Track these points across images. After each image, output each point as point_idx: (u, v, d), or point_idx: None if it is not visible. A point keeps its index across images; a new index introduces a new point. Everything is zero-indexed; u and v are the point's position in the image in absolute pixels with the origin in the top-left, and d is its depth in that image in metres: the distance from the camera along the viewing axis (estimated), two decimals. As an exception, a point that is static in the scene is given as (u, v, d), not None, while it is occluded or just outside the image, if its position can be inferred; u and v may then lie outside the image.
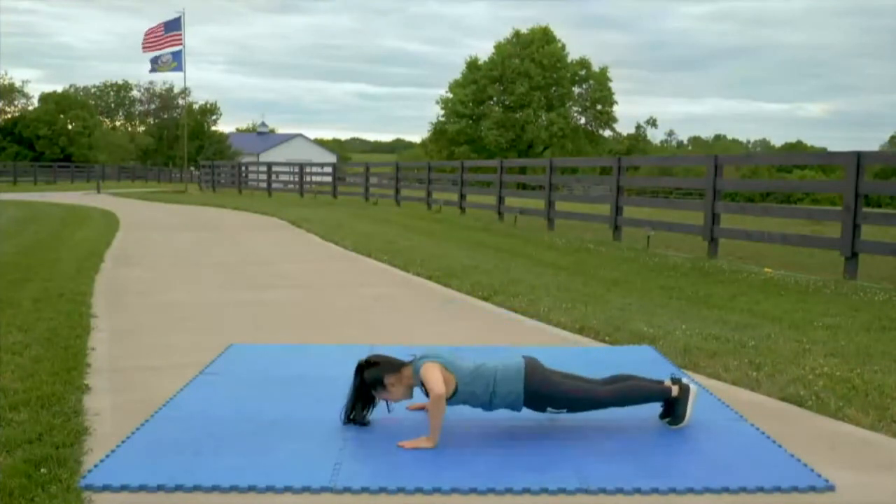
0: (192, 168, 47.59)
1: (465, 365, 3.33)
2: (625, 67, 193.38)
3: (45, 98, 59.96)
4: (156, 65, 31.15)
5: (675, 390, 3.40)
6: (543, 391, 3.30)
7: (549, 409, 3.34)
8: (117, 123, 69.42)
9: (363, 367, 3.36)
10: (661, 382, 3.45)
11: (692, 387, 3.43)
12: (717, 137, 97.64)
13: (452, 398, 3.27)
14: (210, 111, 66.82)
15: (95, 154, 56.53)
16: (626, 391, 3.39)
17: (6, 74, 70.07)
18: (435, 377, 3.19)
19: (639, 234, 11.66)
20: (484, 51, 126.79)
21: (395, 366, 3.36)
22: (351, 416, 3.38)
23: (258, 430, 3.30)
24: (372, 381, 3.33)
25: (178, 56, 30.63)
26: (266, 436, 3.24)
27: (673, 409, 3.41)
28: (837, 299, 6.79)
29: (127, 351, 4.71)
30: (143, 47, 30.60)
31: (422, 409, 3.55)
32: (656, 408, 3.48)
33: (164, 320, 5.67)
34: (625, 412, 3.51)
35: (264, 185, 30.26)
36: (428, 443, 3.11)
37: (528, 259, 9.48)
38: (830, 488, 2.79)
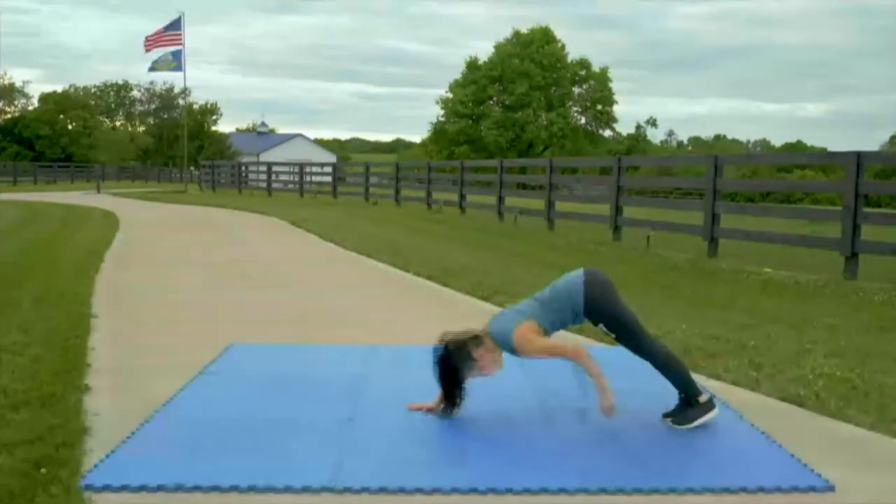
0: (192, 168, 47.57)
1: (532, 306, 3.44)
2: (625, 67, 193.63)
3: (45, 98, 59.90)
4: (155, 64, 31.14)
5: (703, 398, 3.42)
6: (603, 305, 3.41)
7: (602, 325, 3.42)
8: (117, 123, 69.30)
9: (445, 356, 3.33)
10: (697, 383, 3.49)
11: (717, 408, 3.43)
12: (717, 137, 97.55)
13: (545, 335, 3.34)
14: (210, 111, 66.78)
15: (96, 154, 56.46)
16: (673, 357, 3.49)
17: (6, 74, 69.96)
18: (535, 341, 3.27)
19: (639, 234, 11.65)
20: (484, 51, 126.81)
21: (474, 339, 3.37)
22: (453, 401, 3.37)
23: (258, 430, 3.30)
24: (462, 360, 3.32)
25: (178, 56, 30.61)
26: (266, 436, 3.24)
27: (687, 411, 3.40)
28: (837, 299, 6.79)
29: (127, 351, 4.71)
30: (146, 48, 30.60)
31: (420, 408, 3.55)
32: (656, 408, 3.49)
33: (164, 320, 5.67)
34: (625, 412, 3.51)
35: (264, 184, 30.24)
36: (607, 394, 3.24)
37: (528, 259, 9.47)
38: (830, 488, 2.78)
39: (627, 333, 3.42)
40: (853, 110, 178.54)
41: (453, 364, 3.32)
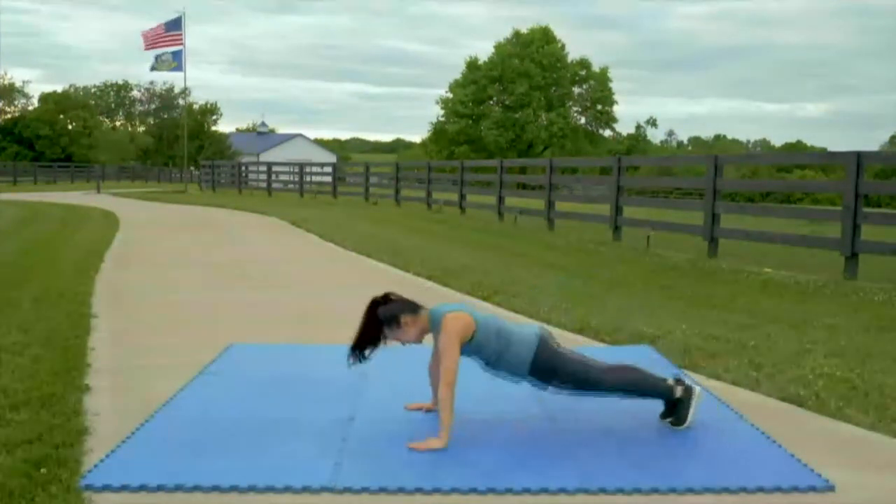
0: (192, 168, 47.57)
1: (486, 318, 3.36)
2: (625, 67, 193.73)
3: (45, 98, 59.88)
4: (156, 64, 31.15)
5: (679, 391, 3.40)
6: (552, 363, 3.31)
7: (553, 381, 3.34)
8: (117, 123, 69.30)
9: (378, 303, 3.33)
10: (665, 380, 3.45)
11: (697, 389, 3.43)
12: (717, 137, 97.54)
13: (465, 346, 3.26)
14: (210, 111, 66.79)
15: (96, 154, 56.45)
16: (632, 381, 3.40)
17: (6, 74, 69.97)
18: (454, 347, 3.17)
19: (639, 235, 11.65)
20: (483, 51, 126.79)
21: (413, 306, 3.36)
22: (357, 353, 3.35)
23: (258, 430, 3.30)
24: (387, 316, 3.31)
25: (178, 56, 30.62)
26: (266, 436, 3.24)
27: (676, 410, 3.40)
28: (837, 299, 6.79)
29: (127, 351, 4.71)
30: (145, 46, 30.58)
31: (420, 408, 3.55)
32: (656, 408, 3.48)
33: (164, 320, 5.67)
34: (625, 412, 3.52)
35: (264, 184, 30.24)
36: (438, 443, 3.09)
37: (528, 259, 9.47)
38: (830, 488, 2.78)
39: (579, 385, 3.36)
40: (853, 110, 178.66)
41: (379, 316, 3.32)
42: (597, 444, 3.21)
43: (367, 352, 3.38)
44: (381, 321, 3.32)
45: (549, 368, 3.32)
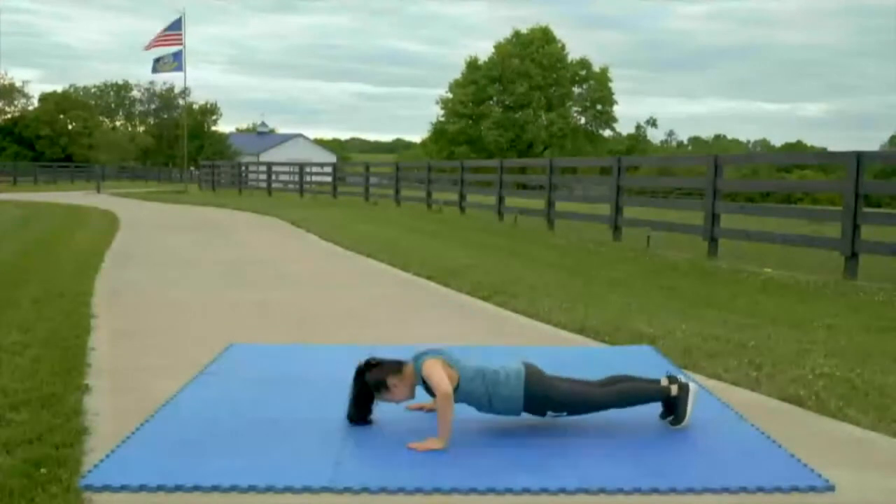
0: (192, 168, 47.57)
1: (468, 364, 3.33)
2: (624, 67, 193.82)
3: (45, 98, 59.91)
4: (158, 65, 31.16)
5: (674, 389, 3.40)
6: (543, 395, 3.30)
7: (549, 412, 3.34)
8: (117, 123, 69.28)
9: (363, 371, 3.34)
10: (658, 382, 3.45)
11: (692, 385, 3.43)
12: (717, 137, 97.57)
13: (455, 393, 3.25)
14: (210, 111, 66.81)
15: (95, 154, 56.46)
16: (625, 393, 3.40)
17: (6, 74, 70.04)
18: (438, 375, 3.18)
19: (639, 235, 11.65)
20: (483, 51, 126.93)
21: (396, 366, 3.34)
22: (354, 418, 3.36)
23: (258, 430, 3.30)
24: (375, 383, 3.31)
25: (178, 56, 30.64)
26: (266, 436, 3.24)
27: (674, 408, 3.40)
28: (837, 299, 6.79)
29: (127, 351, 4.71)
30: (146, 47, 30.64)
31: (421, 408, 3.55)
32: (656, 408, 3.48)
33: (164, 320, 5.67)
34: (625, 412, 3.51)
35: (264, 185, 30.26)
36: (438, 444, 3.09)
37: (528, 259, 9.48)
38: (830, 488, 2.78)
39: (574, 408, 3.36)
40: (853, 110, 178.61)
41: (367, 383, 3.32)
42: (597, 444, 3.21)
43: (366, 417, 3.36)
44: (369, 388, 3.32)
45: (541, 399, 3.31)
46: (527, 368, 3.35)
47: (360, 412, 3.36)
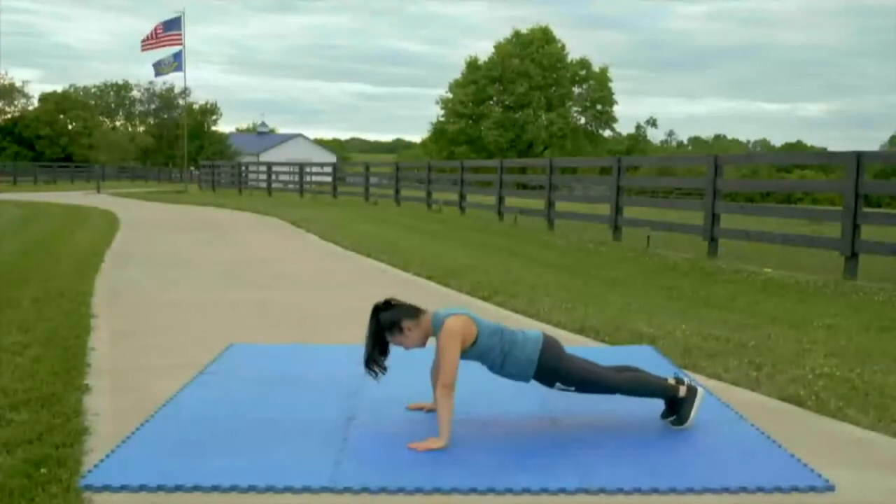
0: (192, 168, 47.57)
1: (489, 322, 3.36)
2: (624, 67, 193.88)
3: (45, 98, 59.87)
4: (159, 67, 31.14)
5: (682, 391, 3.41)
6: (556, 366, 3.33)
7: (558, 384, 3.37)
8: (117, 123, 69.25)
9: (379, 309, 3.33)
10: (667, 380, 3.46)
11: (700, 389, 3.43)
12: (717, 137, 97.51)
13: (469, 350, 3.26)
14: (210, 111, 66.79)
15: (95, 154, 56.46)
16: (634, 381, 3.43)
17: (6, 74, 70.04)
18: (452, 355, 3.16)
19: (639, 234, 11.65)
20: (483, 50, 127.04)
21: (413, 311, 3.34)
22: (370, 361, 3.34)
23: (258, 430, 3.30)
24: (389, 322, 3.30)
25: (178, 56, 30.63)
26: (266, 436, 3.24)
27: (678, 409, 3.40)
28: (837, 299, 6.79)
29: (127, 351, 4.71)
30: (143, 47, 30.56)
31: (421, 408, 3.55)
32: (656, 408, 3.48)
33: (164, 320, 5.67)
34: (625, 412, 3.52)
35: (264, 185, 30.25)
36: (438, 443, 3.10)
37: (528, 259, 9.47)
38: (830, 488, 2.78)
39: (583, 385, 3.38)
40: (853, 110, 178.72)
41: (381, 322, 3.31)
42: (597, 444, 3.21)
43: (380, 360, 3.36)
44: (382, 327, 3.31)
45: (553, 369, 3.35)
46: (545, 337, 3.39)
47: (373, 355, 3.33)
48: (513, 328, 3.44)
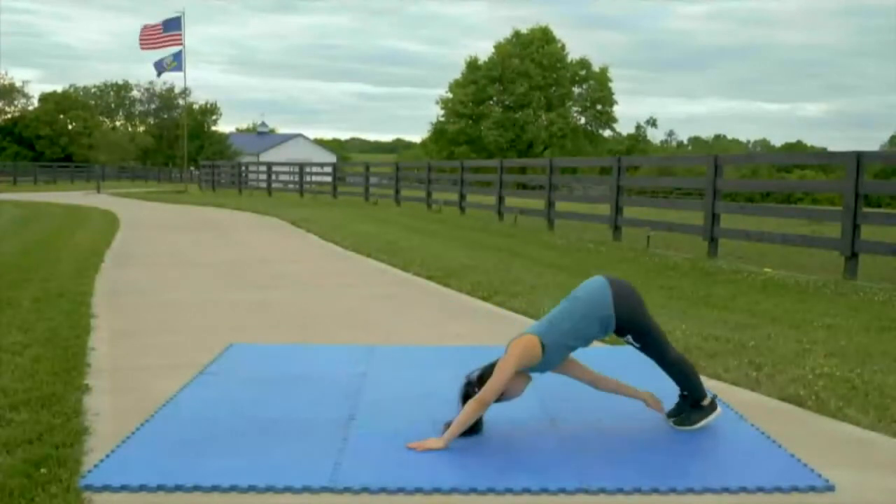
0: (192, 168, 47.56)
1: (552, 326, 3.27)
2: (624, 67, 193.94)
3: (45, 98, 59.90)
4: (161, 68, 31.12)
5: (707, 399, 3.41)
6: (632, 316, 3.29)
7: (629, 336, 3.33)
8: (117, 123, 69.25)
9: (472, 386, 3.22)
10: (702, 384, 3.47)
11: (720, 408, 3.43)
12: (717, 137, 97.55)
13: (537, 366, 3.23)
14: (210, 111, 66.79)
15: (95, 154, 56.47)
16: (687, 364, 3.44)
17: (6, 74, 70.06)
18: (500, 377, 3.11)
19: (639, 234, 11.65)
20: (483, 50, 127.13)
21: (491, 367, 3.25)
22: (474, 431, 3.24)
23: (258, 430, 3.30)
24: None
25: (178, 56, 30.64)
26: (266, 436, 3.24)
27: (691, 411, 3.39)
28: (837, 299, 6.79)
29: (127, 351, 4.71)
30: (141, 45, 30.52)
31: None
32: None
33: (164, 320, 5.67)
34: (624, 413, 3.52)
35: (264, 184, 30.25)
36: (438, 443, 3.09)
37: (528, 259, 9.47)
38: (830, 488, 2.79)
39: (653, 345, 3.36)
40: (853, 110, 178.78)
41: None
42: (597, 444, 3.21)
43: (478, 427, 3.24)
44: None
45: (629, 320, 3.28)
46: (613, 287, 3.30)
47: (475, 424, 3.22)
48: (568, 300, 3.35)
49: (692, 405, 3.41)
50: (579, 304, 3.31)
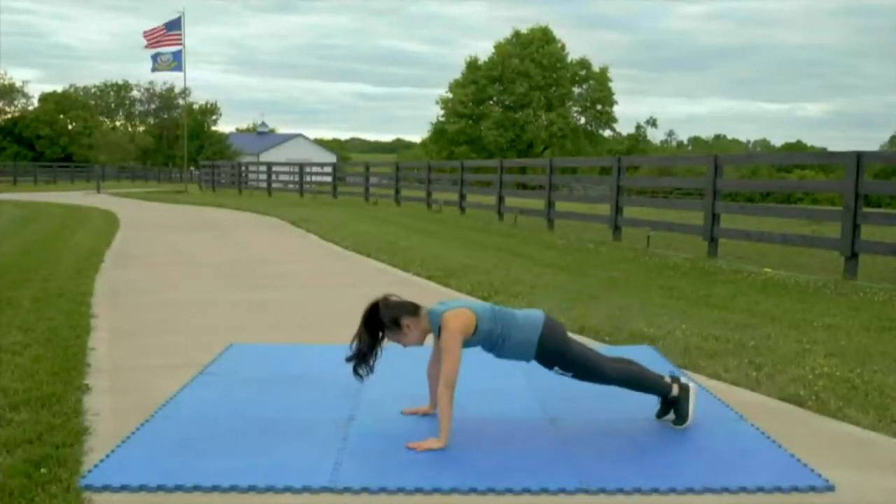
0: (192, 168, 47.56)
1: (484, 307, 3.33)
2: (624, 67, 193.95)
3: (45, 98, 59.91)
4: (156, 63, 31.13)
5: (674, 389, 3.41)
6: (557, 349, 3.30)
7: (556, 367, 3.33)
8: (117, 123, 69.26)
9: (377, 305, 3.26)
10: (663, 378, 3.46)
11: (691, 385, 3.44)
12: (717, 137, 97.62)
13: (470, 340, 3.22)
14: (210, 111, 66.80)
15: (95, 154, 56.48)
16: (632, 375, 3.42)
17: (6, 74, 70.07)
18: (455, 354, 3.12)
19: (639, 234, 11.65)
20: (483, 50, 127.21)
21: (413, 308, 3.30)
22: (360, 360, 3.27)
23: (258, 430, 3.30)
24: (389, 319, 3.24)
25: (178, 56, 30.63)
26: (266, 436, 3.24)
27: (676, 409, 3.41)
28: (837, 299, 6.79)
29: (127, 351, 4.71)
30: (147, 45, 30.58)
31: (416, 413, 3.54)
32: (655, 407, 3.49)
33: (164, 320, 5.67)
34: (624, 413, 3.52)
35: (264, 184, 30.24)
36: (438, 443, 3.09)
37: (528, 259, 9.47)
38: (830, 488, 2.79)
39: (585, 372, 3.36)
40: (853, 110, 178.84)
41: (379, 319, 3.25)
42: (597, 444, 3.21)
43: (370, 361, 3.30)
44: (381, 325, 3.26)
45: (553, 352, 3.31)
46: (546, 319, 3.34)
47: (365, 353, 3.26)
48: (513, 309, 3.42)
49: (667, 403, 3.43)
50: (516, 320, 3.32)
